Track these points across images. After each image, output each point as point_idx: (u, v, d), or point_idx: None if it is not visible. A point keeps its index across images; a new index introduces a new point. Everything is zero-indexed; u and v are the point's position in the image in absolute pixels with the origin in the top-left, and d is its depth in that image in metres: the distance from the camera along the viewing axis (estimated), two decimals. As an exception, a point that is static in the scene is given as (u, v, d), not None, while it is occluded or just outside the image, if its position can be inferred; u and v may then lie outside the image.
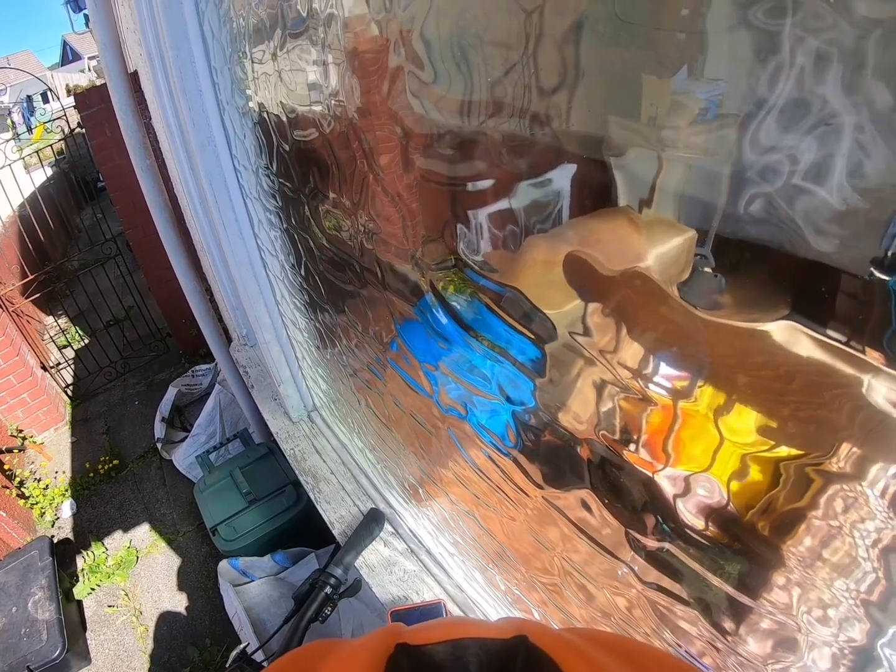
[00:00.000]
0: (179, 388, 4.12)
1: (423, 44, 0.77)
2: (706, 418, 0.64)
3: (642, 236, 0.65)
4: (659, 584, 0.82)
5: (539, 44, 0.63)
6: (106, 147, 3.98)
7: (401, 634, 0.52)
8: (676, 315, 0.62)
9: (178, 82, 1.41)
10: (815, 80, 0.44)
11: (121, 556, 3.36)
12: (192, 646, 2.85)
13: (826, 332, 0.52)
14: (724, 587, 0.72)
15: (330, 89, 1.06)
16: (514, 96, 0.69)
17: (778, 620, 0.68)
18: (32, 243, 4.86)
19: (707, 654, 0.82)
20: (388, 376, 1.38)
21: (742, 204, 0.52)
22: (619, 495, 0.82)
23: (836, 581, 0.60)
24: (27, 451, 4.21)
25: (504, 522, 1.17)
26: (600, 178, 0.65)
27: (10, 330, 4.12)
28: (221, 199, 1.57)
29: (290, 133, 1.28)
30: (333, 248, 1.34)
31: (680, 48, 0.53)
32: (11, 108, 8.94)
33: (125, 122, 2.06)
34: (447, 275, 0.95)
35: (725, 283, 0.58)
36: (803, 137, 0.46)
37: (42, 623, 2.70)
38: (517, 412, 0.94)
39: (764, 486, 0.62)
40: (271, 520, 2.57)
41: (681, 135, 0.56)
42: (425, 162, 0.90)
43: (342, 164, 1.15)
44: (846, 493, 0.56)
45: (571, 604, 1.06)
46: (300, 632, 1.32)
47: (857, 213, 0.46)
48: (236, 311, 2.53)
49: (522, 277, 0.81)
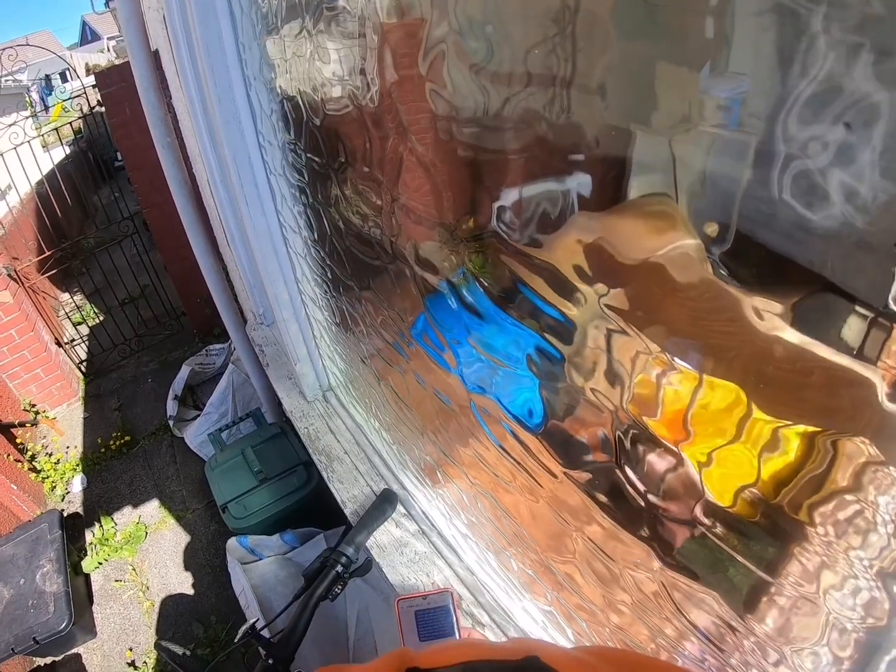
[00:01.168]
0: (193, 366, 4.13)
1: (464, 16, 0.77)
2: (735, 391, 0.64)
3: (678, 224, 0.64)
4: (681, 563, 0.82)
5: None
6: (125, 125, 3.99)
7: (411, 659, 0.53)
8: (709, 287, 0.61)
9: (204, 58, 1.41)
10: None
11: (129, 532, 3.38)
12: (197, 622, 2.87)
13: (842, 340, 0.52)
14: (748, 565, 0.71)
15: (366, 62, 1.05)
16: (555, 69, 0.69)
17: (800, 599, 0.67)
18: (49, 220, 4.87)
19: (726, 638, 0.81)
20: (412, 353, 1.37)
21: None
22: (644, 473, 0.82)
23: (862, 560, 0.59)
24: (39, 426, 4.24)
25: (524, 501, 1.16)
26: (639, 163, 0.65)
27: (25, 305, 4.14)
28: (245, 175, 1.57)
29: (322, 107, 1.27)
30: (361, 222, 1.33)
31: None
32: (30, 86, 8.96)
33: (147, 99, 2.06)
34: (481, 247, 0.95)
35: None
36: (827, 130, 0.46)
37: (49, 595, 2.72)
38: (545, 387, 0.94)
39: (792, 462, 0.62)
40: (281, 499, 2.57)
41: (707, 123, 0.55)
42: (464, 134, 0.89)
43: (375, 137, 1.15)
44: (875, 468, 0.55)
45: (587, 585, 1.06)
46: (310, 609, 1.32)
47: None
48: (254, 289, 2.53)
49: (560, 254, 0.80)
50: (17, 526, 3.13)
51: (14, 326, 4.00)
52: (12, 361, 4.10)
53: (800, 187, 0.49)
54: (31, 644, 2.53)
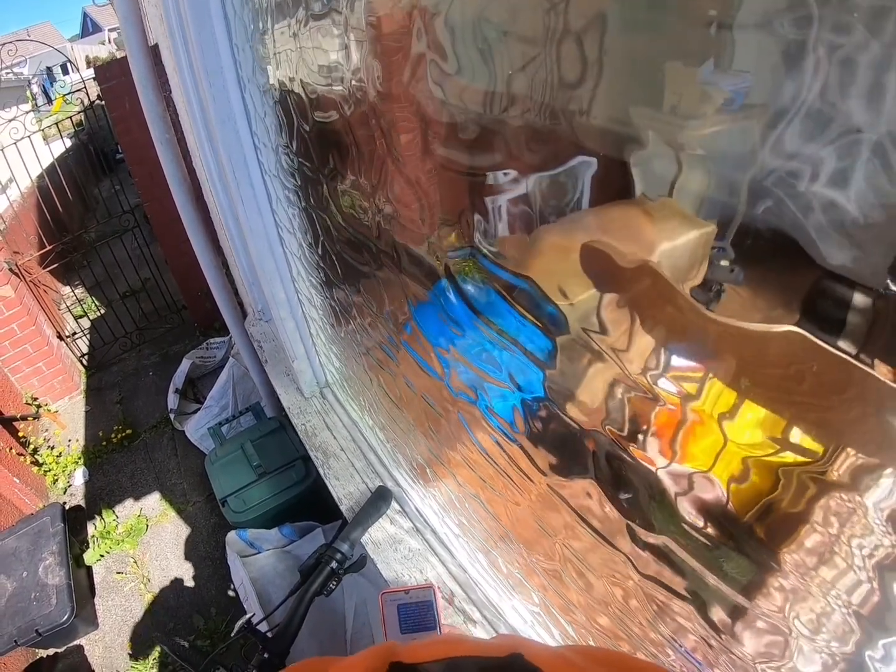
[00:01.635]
0: (193, 360, 4.15)
1: (447, 31, 0.78)
2: (711, 418, 0.64)
3: (656, 228, 0.65)
4: (657, 577, 0.83)
5: (563, 38, 0.63)
6: (125, 120, 3.98)
7: (396, 653, 0.53)
8: (687, 311, 0.62)
9: (199, 59, 1.41)
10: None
11: (131, 524, 3.41)
12: (197, 614, 2.90)
13: (837, 343, 0.52)
14: (720, 586, 0.72)
15: (351, 72, 1.06)
16: (533, 88, 0.69)
17: (770, 623, 0.69)
18: (50, 214, 4.88)
19: (700, 650, 0.83)
20: (400, 357, 1.39)
21: (761, 204, 0.52)
22: (622, 488, 0.83)
23: (830, 589, 0.60)
24: (41, 419, 4.26)
25: (508, 506, 1.18)
26: (618, 170, 0.65)
27: (27, 299, 4.16)
28: (240, 174, 1.58)
29: (311, 114, 1.28)
30: (351, 229, 1.34)
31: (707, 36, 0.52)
32: (31, 79, 8.94)
33: (145, 96, 2.06)
34: (463, 261, 0.95)
35: (742, 278, 0.58)
36: (826, 145, 0.46)
37: (52, 588, 2.75)
38: (526, 400, 0.95)
39: (764, 490, 0.62)
40: (280, 493, 2.60)
41: (704, 126, 0.55)
42: (444, 149, 0.90)
43: (362, 146, 1.15)
44: (845, 503, 0.56)
45: (571, 590, 1.08)
46: (305, 604, 1.34)
47: (876, 224, 0.46)
48: (252, 286, 2.54)
49: (534, 267, 0.81)
50: (19, 519, 3.15)
51: (16, 321, 4.02)
52: (14, 355, 4.12)
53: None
54: (34, 636, 2.56)
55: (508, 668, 0.49)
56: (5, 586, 2.77)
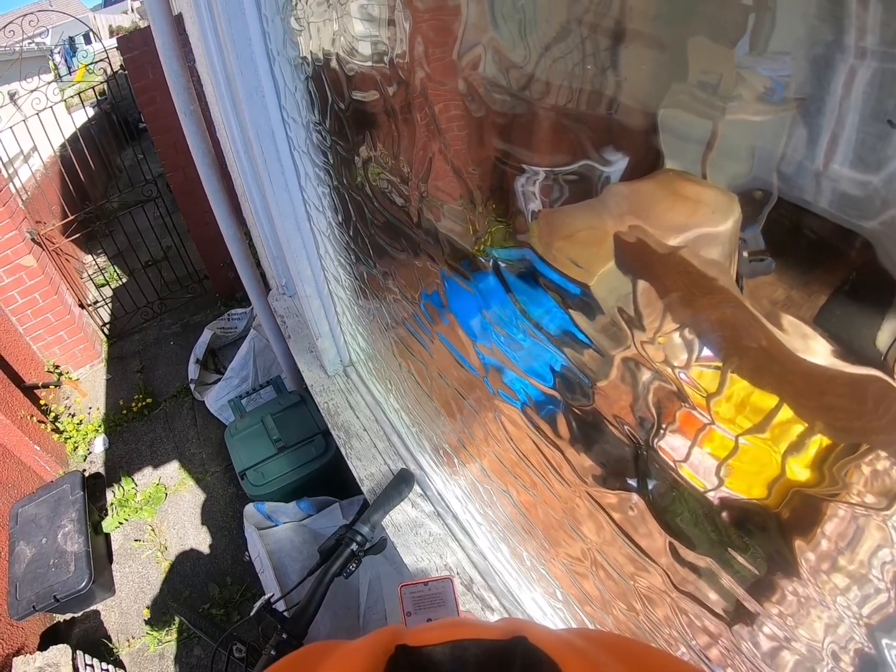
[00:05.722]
0: (214, 330, 4.16)
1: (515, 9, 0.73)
2: (775, 451, 0.62)
3: (694, 208, 0.62)
4: (694, 594, 0.81)
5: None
6: (148, 90, 3.96)
7: (401, 635, 0.53)
8: (774, 352, 0.59)
9: (225, 29, 1.38)
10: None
11: (149, 493, 3.45)
12: (212, 583, 2.93)
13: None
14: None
15: (396, 51, 1.00)
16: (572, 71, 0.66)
17: (802, 651, 0.67)
18: (73, 183, 4.89)
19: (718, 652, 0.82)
20: (434, 348, 1.36)
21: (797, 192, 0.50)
22: (668, 505, 0.81)
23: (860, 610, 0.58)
24: (63, 387, 4.31)
25: (541, 507, 1.16)
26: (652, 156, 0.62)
27: (49, 269, 4.18)
28: (268, 150, 1.55)
29: (348, 92, 1.23)
30: (387, 213, 1.30)
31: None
32: (53, 49, 8.92)
33: (169, 67, 2.03)
34: (516, 261, 0.92)
35: (774, 267, 0.55)
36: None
37: (70, 555, 2.80)
38: (572, 405, 0.92)
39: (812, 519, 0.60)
40: (299, 468, 2.61)
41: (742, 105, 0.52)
42: (500, 142, 0.86)
43: (404, 130, 1.11)
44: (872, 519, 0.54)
45: (597, 592, 1.07)
46: (324, 586, 1.35)
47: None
48: (277, 260, 2.53)
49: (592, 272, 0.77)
50: (39, 486, 3.21)
51: (38, 290, 4.04)
52: (36, 324, 4.16)
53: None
54: (52, 602, 2.61)
55: (512, 651, 0.49)
56: (25, 553, 2.82)
